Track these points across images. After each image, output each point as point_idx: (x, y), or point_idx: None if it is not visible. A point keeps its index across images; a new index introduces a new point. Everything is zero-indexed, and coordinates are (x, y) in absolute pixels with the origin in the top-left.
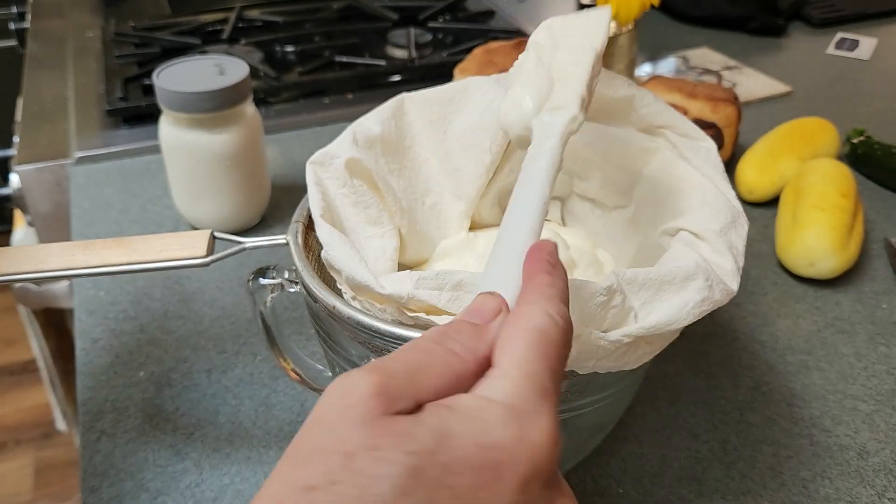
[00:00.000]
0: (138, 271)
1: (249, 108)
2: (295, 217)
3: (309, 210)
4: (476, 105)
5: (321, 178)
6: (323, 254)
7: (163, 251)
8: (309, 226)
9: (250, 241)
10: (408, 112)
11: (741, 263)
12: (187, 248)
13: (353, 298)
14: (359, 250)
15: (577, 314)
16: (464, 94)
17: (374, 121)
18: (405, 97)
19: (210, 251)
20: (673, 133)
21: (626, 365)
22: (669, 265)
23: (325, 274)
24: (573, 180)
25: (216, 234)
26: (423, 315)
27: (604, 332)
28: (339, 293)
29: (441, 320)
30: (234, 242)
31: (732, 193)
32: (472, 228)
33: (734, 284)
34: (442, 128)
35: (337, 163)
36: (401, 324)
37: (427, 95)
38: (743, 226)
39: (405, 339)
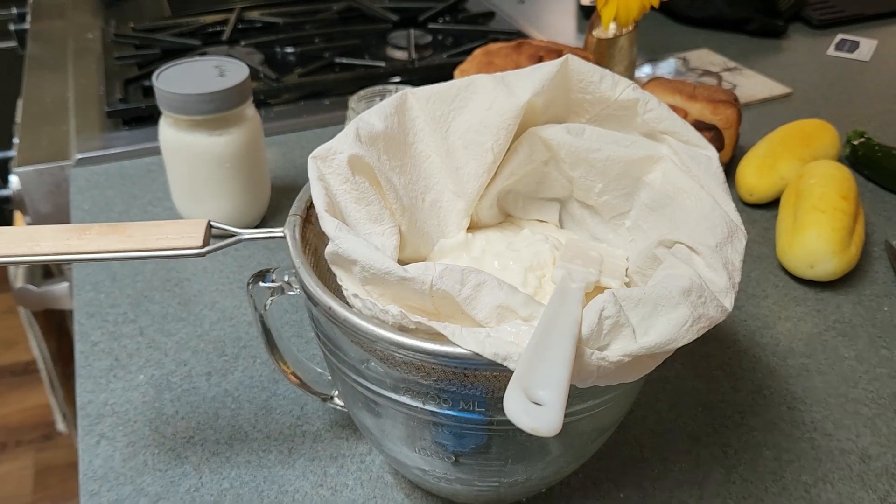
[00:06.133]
0: (134, 258)
1: (250, 109)
2: (293, 210)
3: (307, 203)
4: (479, 103)
5: (323, 173)
6: (330, 248)
7: (159, 239)
8: (307, 219)
9: (247, 233)
10: (411, 108)
11: (737, 279)
12: (184, 236)
13: (355, 296)
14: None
15: (574, 332)
16: (468, 91)
17: (377, 116)
18: (408, 92)
19: (206, 241)
20: (675, 140)
21: (627, 379)
22: (665, 282)
23: (321, 270)
24: (573, 186)
25: (213, 223)
26: (424, 320)
27: (602, 349)
28: (337, 292)
29: (442, 328)
30: (231, 233)
31: (732, 206)
32: (470, 228)
33: (727, 301)
34: (444, 125)
35: (339, 158)
36: (402, 328)
37: (430, 92)
38: (740, 240)
39: (404, 345)
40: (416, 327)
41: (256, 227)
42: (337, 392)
